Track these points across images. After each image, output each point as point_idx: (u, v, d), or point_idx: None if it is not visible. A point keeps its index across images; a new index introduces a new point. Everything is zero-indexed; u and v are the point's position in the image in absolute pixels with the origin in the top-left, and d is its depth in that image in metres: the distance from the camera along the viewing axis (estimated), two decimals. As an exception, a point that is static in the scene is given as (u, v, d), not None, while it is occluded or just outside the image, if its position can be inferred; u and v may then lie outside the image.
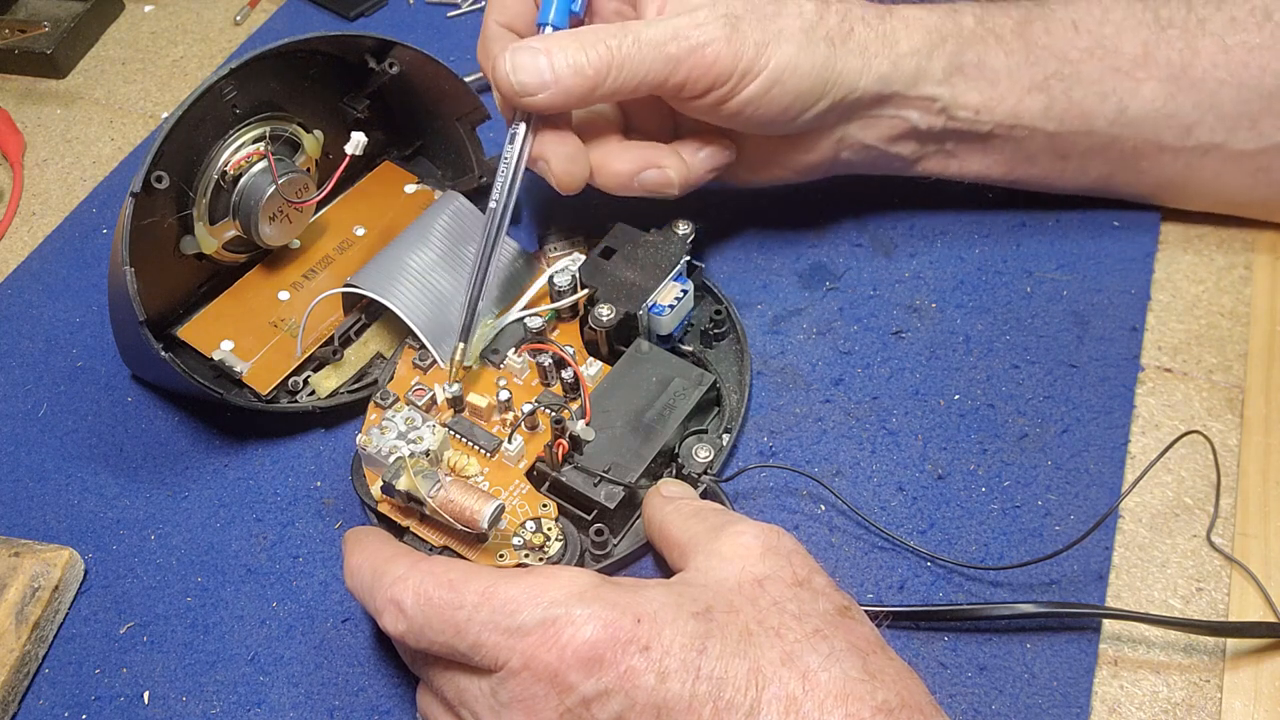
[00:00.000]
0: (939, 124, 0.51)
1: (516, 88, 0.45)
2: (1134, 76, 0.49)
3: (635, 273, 0.50)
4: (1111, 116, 0.50)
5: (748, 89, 0.47)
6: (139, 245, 0.47)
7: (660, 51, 0.45)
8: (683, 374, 0.48)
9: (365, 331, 0.53)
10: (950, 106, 0.50)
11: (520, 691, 0.34)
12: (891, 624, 0.43)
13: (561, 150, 0.48)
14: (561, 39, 0.45)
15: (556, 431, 0.45)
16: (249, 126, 0.50)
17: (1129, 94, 0.50)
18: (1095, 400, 0.49)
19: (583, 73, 0.45)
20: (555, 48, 0.45)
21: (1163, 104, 0.50)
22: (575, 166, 0.48)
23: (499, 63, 0.46)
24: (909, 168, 0.54)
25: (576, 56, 0.45)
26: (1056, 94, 0.50)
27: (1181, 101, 0.50)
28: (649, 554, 0.46)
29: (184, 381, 0.46)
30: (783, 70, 0.46)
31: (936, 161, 0.53)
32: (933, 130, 0.51)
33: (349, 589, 0.40)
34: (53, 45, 0.71)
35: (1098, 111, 0.50)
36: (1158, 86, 0.49)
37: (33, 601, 0.45)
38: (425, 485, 0.42)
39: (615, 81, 0.45)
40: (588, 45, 0.45)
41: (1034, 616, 0.42)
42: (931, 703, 0.35)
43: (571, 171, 0.48)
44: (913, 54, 0.49)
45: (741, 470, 0.47)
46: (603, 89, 0.45)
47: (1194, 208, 0.55)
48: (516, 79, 0.45)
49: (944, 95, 0.50)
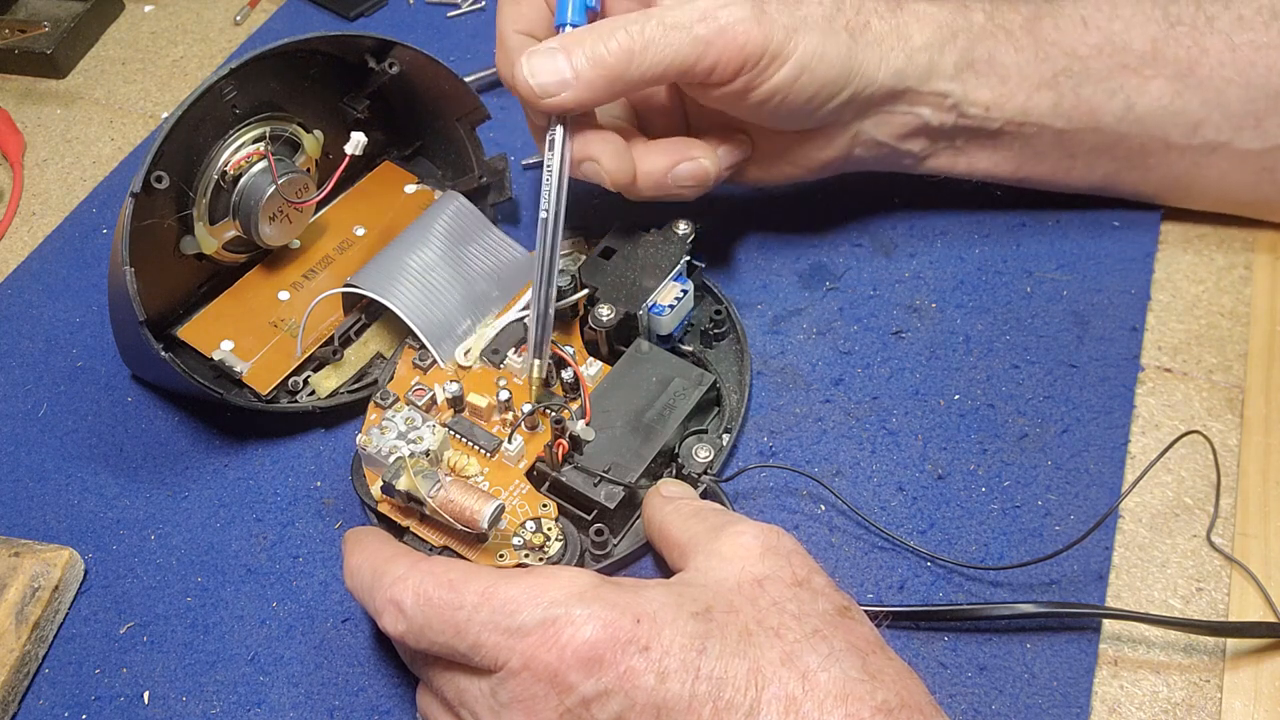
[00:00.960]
0: (950, 120, 0.51)
1: (537, 90, 0.44)
2: (1142, 74, 0.49)
3: (635, 273, 0.50)
4: (1119, 114, 0.50)
5: (777, 75, 0.46)
6: (139, 245, 0.47)
7: (688, 34, 0.44)
8: (683, 374, 0.48)
9: (365, 331, 0.53)
10: (961, 103, 0.50)
11: (520, 691, 0.34)
12: (891, 624, 0.43)
13: (608, 148, 0.47)
14: (578, 34, 0.45)
15: (556, 431, 0.45)
16: (249, 126, 0.50)
17: (1137, 91, 0.50)
18: (1095, 400, 0.49)
19: (604, 64, 0.44)
20: (572, 44, 0.44)
21: (1170, 102, 0.50)
22: (625, 162, 0.47)
23: (516, 69, 0.45)
24: (918, 165, 0.54)
25: (595, 48, 0.44)
26: (1065, 91, 0.50)
27: (1189, 99, 0.49)
28: (649, 554, 0.46)
29: (184, 381, 0.46)
30: (810, 57, 0.46)
31: (945, 159, 0.53)
32: (944, 127, 0.51)
33: (349, 589, 0.40)
34: (53, 45, 0.71)
35: (1106, 108, 0.50)
36: (1165, 84, 0.49)
37: (33, 601, 0.45)
38: (425, 485, 0.42)
39: (640, 68, 0.44)
40: (605, 35, 0.44)
41: (1034, 616, 0.42)
42: (931, 703, 0.35)
43: (624, 168, 0.47)
44: (925, 49, 0.49)
45: (741, 470, 0.47)
46: (628, 78, 0.44)
47: (1199, 207, 0.55)
48: (536, 82, 0.44)
49: (956, 91, 0.50)
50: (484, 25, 0.72)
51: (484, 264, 0.53)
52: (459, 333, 0.51)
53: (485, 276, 0.53)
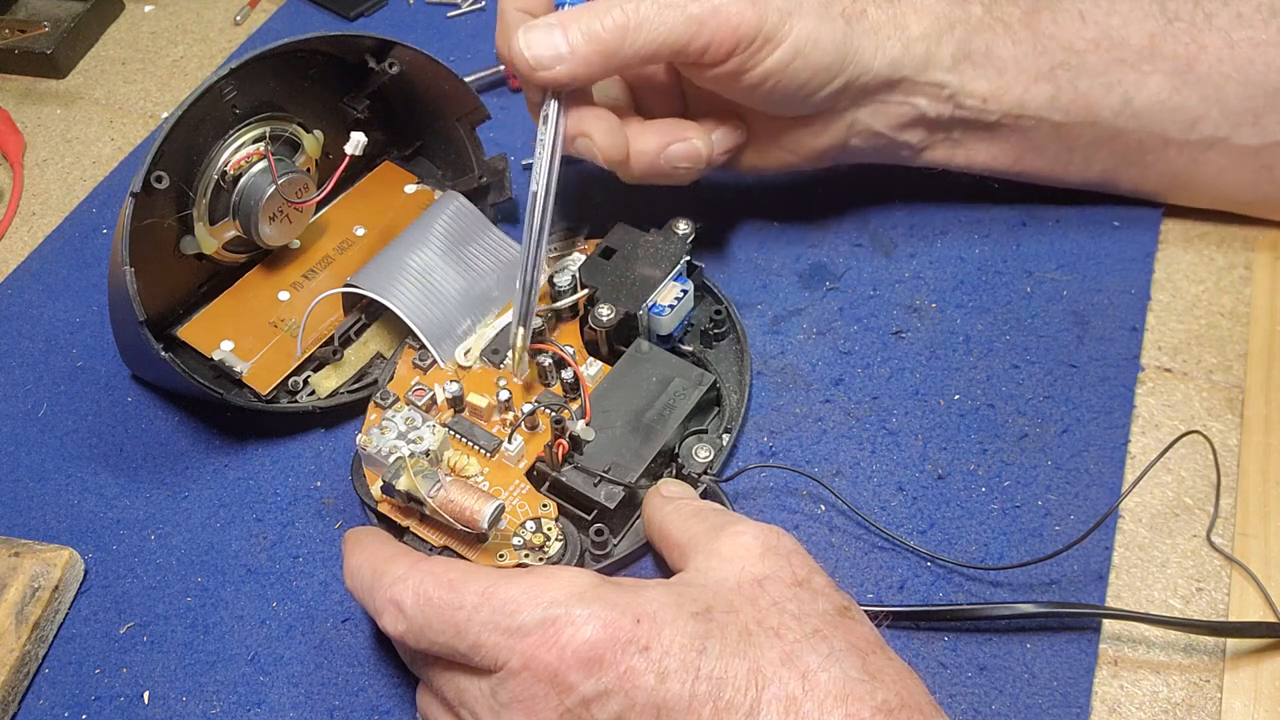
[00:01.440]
0: (947, 112, 0.51)
1: (532, 62, 0.45)
2: (1140, 69, 0.49)
3: (635, 273, 0.50)
4: (1117, 108, 0.50)
5: (771, 57, 0.46)
6: (139, 245, 0.47)
7: (682, 13, 0.44)
8: (683, 374, 0.48)
9: (365, 331, 0.53)
10: (958, 94, 0.50)
11: (520, 691, 0.34)
12: (891, 624, 0.43)
13: (601, 124, 0.47)
14: (575, 10, 0.45)
15: (556, 431, 0.45)
16: (249, 126, 0.50)
17: (1134, 86, 0.50)
18: (1095, 400, 0.49)
19: (599, 39, 0.44)
20: (569, 19, 0.45)
21: (1168, 97, 0.50)
22: (619, 139, 0.47)
23: (513, 42, 0.45)
24: (915, 157, 0.54)
25: (590, 24, 0.44)
26: (1063, 84, 0.50)
27: (1187, 95, 0.50)
28: (649, 554, 0.46)
29: (184, 381, 0.46)
30: (804, 41, 0.46)
31: (943, 151, 0.53)
32: (941, 118, 0.51)
33: (348, 589, 0.40)
34: (53, 45, 0.71)
35: (1103, 103, 0.50)
36: (1163, 79, 0.49)
37: (33, 601, 0.45)
38: (425, 485, 0.42)
39: (634, 45, 0.44)
40: (601, 11, 0.44)
41: (1034, 616, 0.42)
42: (931, 702, 0.35)
43: (617, 144, 0.47)
44: (922, 38, 0.49)
45: (742, 470, 0.47)
46: (622, 54, 0.45)
47: (1198, 204, 0.55)
48: (531, 54, 0.44)
49: (952, 82, 0.50)
50: (484, 25, 0.72)
51: (484, 264, 0.53)
52: (459, 333, 0.51)
53: (485, 276, 0.53)
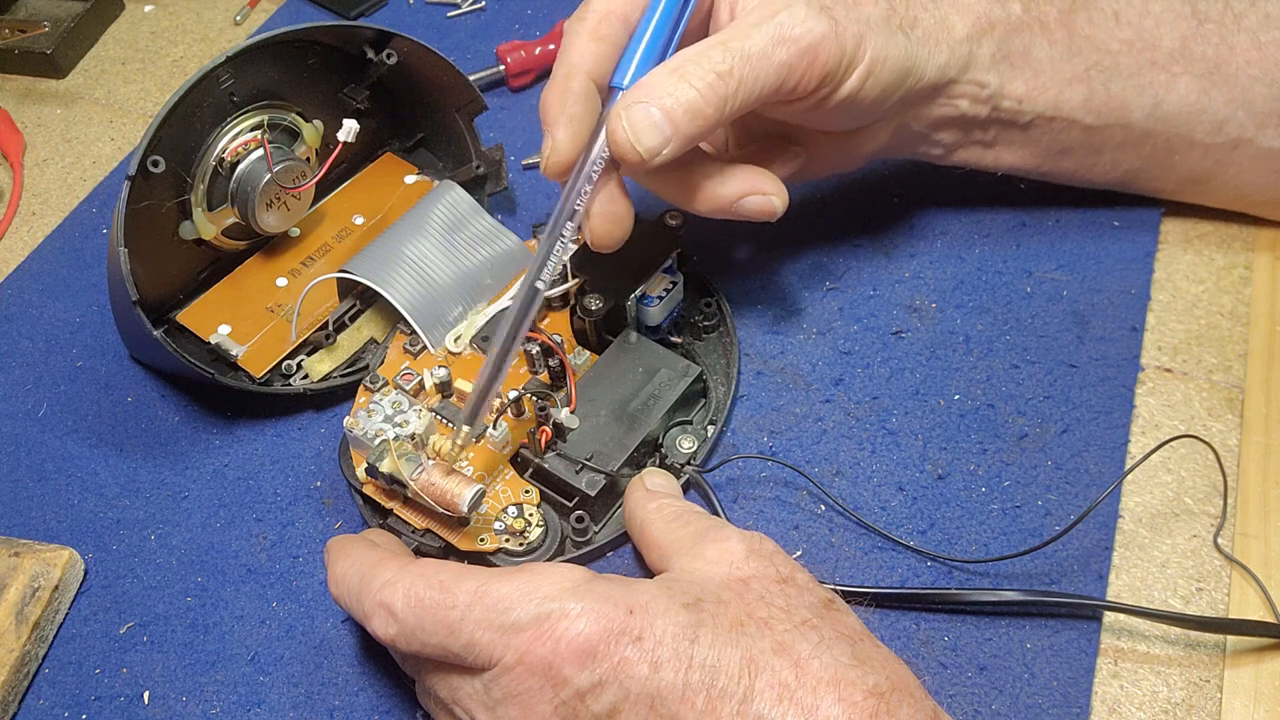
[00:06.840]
0: (984, 112, 0.50)
1: (644, 154, 0.41)
2: (1170, 70, 0.49)
3: (625, 264, 0.49)
4: (1147, 110, 0.50)
5: (848, 82, 0.44)
6: (138, 229, 0.47)
7: (770, 62, 0.42)
8: (669, 365, 0.48)
9: (359, 317, 0.53)
10: (996, 94, 0.49)
11: (514, 686, 0.35)
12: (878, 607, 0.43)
13: (607, 209, 0.44)
14: (660, 81, 0.41)
15: (541, 418, 0.45)
16: (247, 114, 0.51)
17: (1165, 88, 0.50)
18: (1095, 400, 0.49)
19: (701, 114, 0.41)
20: (659, 94, 0.41)
21: (1196, 99, 0.50)
22: (616, 228, 0.45)
23: (617, 132, 0.41)
24: (946, 156, 0.53)
25: (687, 96, 0.41)
26: (1096, 86, 0.50)
27: (1214, 97, 0.49)
28: (629, 542, 0.46)
29: (176, 361, 0.47)
30: (876, 61, 0.45)
31: (974, 151, 0.53)
32: (977, 118, 0.50)
33: (334, 597, 0.40)
34: (53, 45, 0.71)
35: (1134, 105, 0.50)
36: (1192, 81, 0.49)
37: (33, 601, 0.45)
38: (408, 468, 0.42)
39: (731, 107, 0.41)
40: (692, 78, 0.41)
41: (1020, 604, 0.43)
42: (919, 686, 0.36)
43: (612, 233, 0.44)
44: (966, 40, 0.48)
45: (725, 460, 0.47)
46: (720, 121, 0.42)
47: (1212, 204, 0.55)
48: (643, 146, 0.41)
49: (992, 82, 0.49)
50: (484, 25, 0.72)
51: (477, 252, 0.53)
52: (450, 319, 0.52)
53: (479, 264, 0.53)
